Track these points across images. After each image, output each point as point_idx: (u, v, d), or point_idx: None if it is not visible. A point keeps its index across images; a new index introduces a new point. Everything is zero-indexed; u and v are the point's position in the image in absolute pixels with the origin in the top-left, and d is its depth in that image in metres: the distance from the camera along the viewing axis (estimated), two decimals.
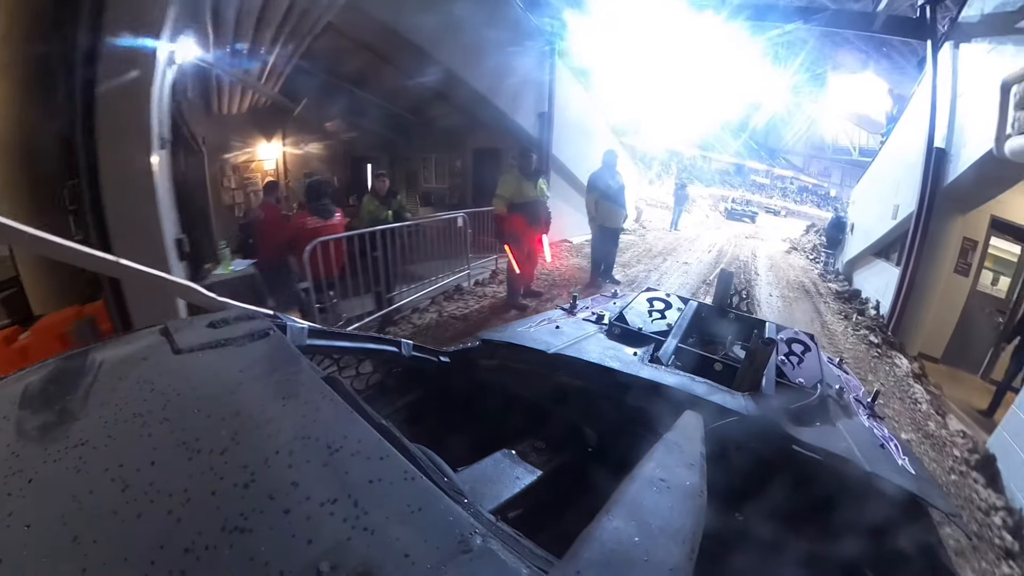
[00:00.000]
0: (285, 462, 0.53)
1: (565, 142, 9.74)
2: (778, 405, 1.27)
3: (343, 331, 1.25)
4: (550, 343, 1.48)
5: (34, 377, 0.71)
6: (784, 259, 12.38)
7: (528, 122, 9.01)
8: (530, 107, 9.13)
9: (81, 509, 0.47)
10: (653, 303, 2.01)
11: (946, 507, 1.07)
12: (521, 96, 8.63)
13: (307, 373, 0.74)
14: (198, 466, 0.52)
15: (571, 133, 10.02)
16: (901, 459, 1.25)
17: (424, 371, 1.41)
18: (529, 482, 1.04)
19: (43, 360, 0.77)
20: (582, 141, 10.31)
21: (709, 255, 11.48)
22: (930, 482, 1.27)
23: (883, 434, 1.39)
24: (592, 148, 9.54)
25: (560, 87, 9.64)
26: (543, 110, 9.41)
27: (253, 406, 0.63)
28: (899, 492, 1.06)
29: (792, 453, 1.11)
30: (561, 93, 9.63)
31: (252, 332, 0.85)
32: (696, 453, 0.76)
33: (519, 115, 8.74)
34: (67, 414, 0.61)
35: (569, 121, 9.96)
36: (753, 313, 2.94)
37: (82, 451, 0.54)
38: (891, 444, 1.32)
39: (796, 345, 1.66)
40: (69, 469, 0.52)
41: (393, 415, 1.30)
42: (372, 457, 0.56)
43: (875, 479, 1.06)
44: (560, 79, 9.60)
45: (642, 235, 13.34)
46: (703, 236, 15.01)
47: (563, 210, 8.90)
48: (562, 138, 9.62)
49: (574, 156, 9.97)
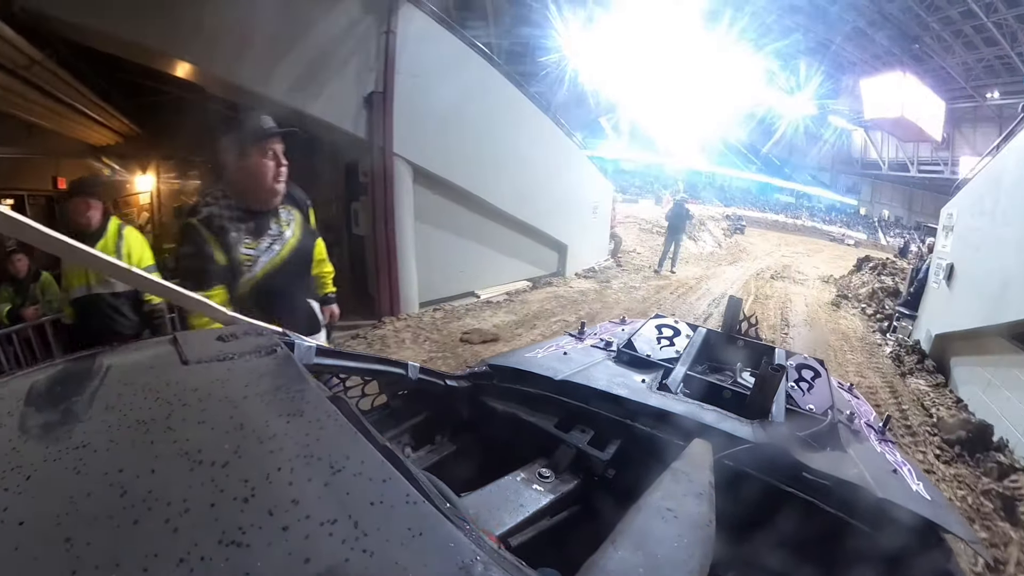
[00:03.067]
0: (286, 479, 0.52)
1: (431, 136, 6.23)
2: (788, 432, 1.26)
3: (350, 352, 1.21)
4: (557, 369, 1.49)
5: (41, 376, 0.71)
6: (831, 320, 8.07)
7: (342, 111, 5.52)
8: (349, 87, 5.48)
9: (77, 511, 0.46)
10: (662, 330, 1.97)
11: (965, 534, 1.06)
12: (327, 69, 5.27)
13: (313, 392, 0.72)
14: (199, 477, 0.51)
15: (449, 121, 6.35)
16: (916, 484, 1.23)
17: (430, 394, 1.39)
18: (534, 509, 1.03)
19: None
20: (475, 131, 6.82)
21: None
22: (947, 508, 1.26)
23: (896, 459, 1.38)
24: (500, 143, 7.06)
25: (421, 48, 5.93)
26: (374, 89, 5.63)
27: (257, 421, 0.62)
28: (914, 519, 1.04)
29: (803, 481, 1.10)
30: (421, 57, 5.95)
31: (260, 348, 0.84)
32: (704, 482, 0.79)
33: (320, 102, 5.26)
34: (71, 415, 0.61)
35: (443, 104, 6.18)
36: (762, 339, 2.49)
37: (83, 453, 0.54)
38: (904, 469, 1.31)
39: (806, 371, 1.67)
40: (68, 470, 0.52)
41: (398, 437, 1.30)
42: (374, 479, 0.56)
43: (888, 506, 1.05)
44: (419, 36, 5.92)
45: (605, 283, 9.10)
46: (706, 281, 10.54)
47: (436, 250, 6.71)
48: (425, 131, 6.13)
49: (456, 156, 6.57)
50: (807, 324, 7.62)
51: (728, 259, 14.19)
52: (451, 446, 1.35)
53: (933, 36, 31.05)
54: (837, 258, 20.14)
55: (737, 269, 12.46)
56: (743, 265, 13.38)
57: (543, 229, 8.29)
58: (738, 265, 13.20)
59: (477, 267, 7.33)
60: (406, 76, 5.77)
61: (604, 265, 10.37)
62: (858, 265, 11.85)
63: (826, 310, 8.73)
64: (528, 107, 7.83)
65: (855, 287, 10.26)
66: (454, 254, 6.96)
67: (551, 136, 8.46)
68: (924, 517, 1.04)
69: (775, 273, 12.18)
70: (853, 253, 23.08)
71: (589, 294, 8.06)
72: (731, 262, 13.69)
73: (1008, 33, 28.11)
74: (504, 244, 7.74)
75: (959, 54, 31.72)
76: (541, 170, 7.98)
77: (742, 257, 15.20)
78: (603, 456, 1.23)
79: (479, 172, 6.83)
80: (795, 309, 8.56)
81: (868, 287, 9.68)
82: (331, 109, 5.34)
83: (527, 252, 8.29)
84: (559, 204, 8.52)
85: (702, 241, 14.84)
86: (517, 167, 7.42)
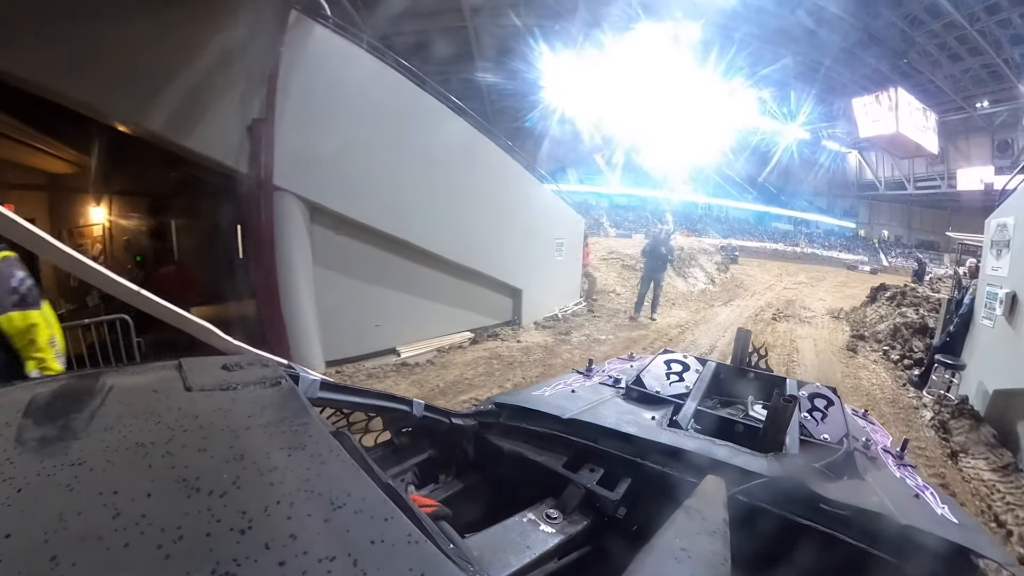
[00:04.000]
0: (285, 513, 0.52)
1: (332, 168, 5.21)
2: (804, 464, 1.24)
3: (355, 387, 1.24)
4: (565, 407, 1.48)
5: (43, 389, 0.72)
6: (849, 371, 6.43)
7: (222, 143, 4.68)
8: (230, 116, 4.62)
9: (66, 528, 0.45)
10: (671, 365, 1.95)
11: (1000, 556, 1.03)
12: (208, 97, 4.52)
13: (316, 426, 0.72)
14: (195, 505, 0.50)
15: (356, 151, 5.31)
16: (940, 507, 1.22)
17: (435, 432, 1.38)
18: (542, 551, 1.01)
19: None
20: (394, 162, 5.73)
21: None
22: (977, 530, 1.24)
23: (917, 483, 1.37)
24: (431, 176, 6.06)
25: (320, 67, 5.05)
26: (256, 116, 4.60)
27: (258, 453, 0.62)
28: (942, 544, 1.01)
29: (821, 512, 1.08)
30: (321, 77, 5.07)
31: (264, 379, 0.84)
32: (719, 519, 0.78)
33: (197, 133, 4.52)
34: (69, 432, 0.62)
35: (348, 131, 5.19)
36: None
37: (78, 471, 0.53)
38: (927, 493, 1.30)
39: (819, 400, 1.63)
40: (61, 486, 0.51)
41: (401, 475, 1.27)
42: (376, 517, 0.55)
43: (913, 532, 1.02)
44: (318, 54, 5.07)
45: (564, 334, 7.53)
46: (693, 329, 8.70)
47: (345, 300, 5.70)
48: (322, 162, 5.11)
49: (368, 191, 5.50)
50: (821, 381, 5.97)
51: (722, 297, 12.58)
52: (456, 485, 1.32)
53: (919, 51, 31.17)
54: (841, 285, 18.66)
55: (732, 310, 10.85)
56: (740, 303, 11.80)
57: (489, 273, 7.07)
58: (734, 304, 11.62)
59: (401, 319, 6.09)
60: (299, 99, 4.79)
61: (573, 310, 8.89)
62: (872, 295, 10.25)
63: (842, 357, 7.10)
64: (471, 135, 6.71)
65: (871, 323, 8.65)
66: (369, 305, 5.81)
67: (502, 168, 7.33)
68: (954, 542, 1.01)
69: (777, 312, 10.55)
70: (858, 279, 21.79)
71: (535, 352, 6.49)
72: (726, 301, 12.04)
73: (992, 41, 28.04)
74: (439, 292, 6.52)
75: (946, 67, 31.88)
76: (487, 206, 6.97)
77: (739, 294, 13.58)
78: (613, 496, 1.19)
79: (400, 209, 5.75)
80: (804, 360, 6.92)
81: (887, 323, 8.07)
82: (210, 141, 4.59)
83: (470, 300, 7.03)
84: (511, 244, 7.41)
85: (692, 278, 13.20)
86: (454, 204, 6.41)
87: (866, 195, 44.28)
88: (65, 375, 0.80)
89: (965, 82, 31.76)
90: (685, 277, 12.97)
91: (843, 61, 32.33)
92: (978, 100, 32.43)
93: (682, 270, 13.03)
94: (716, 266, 15.16)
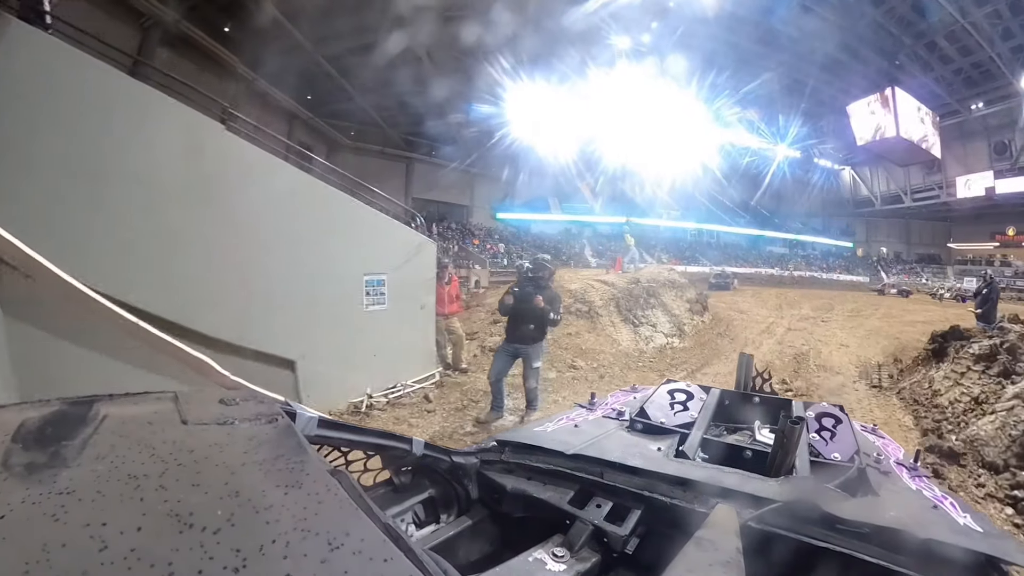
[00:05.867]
0: (281, 552, 0.50)
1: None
2: (815, 485, 1.23)
3: (353, 425, 1.21)
4: (569, 442, 1.46)
5: (33, 413, 0.69)
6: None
7: None
8: None
9: (49, 560, 0.44)
10: (674, 395, 1.93)
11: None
12: None
13: (313, 464, 0.70)
14: (188, 541, 0.49)
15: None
16: (962, 517, 1.19)
17: (436, 471, 1.34)
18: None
19: None
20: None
21: None
22: (1003, 537, 1.21)
23: (935, 494, 1.35)
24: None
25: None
26: None
27: (254, 490, 0.60)
28: (967, 555, 0.97)
29: (838, 533, 1.05)
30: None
31: (261, 415, 0.82)
32: (731, 549, 0.78)
33: None
34: (59, 459, 0.59)
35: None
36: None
37: (66, 500, 0.51)
38: (946, 503, 1.27)
39: (826, 419, 1.63)
40: (47, 515, 0.49)
41: (401, 515, 1.23)
42: (375, 558, 0.53)
43: (935, 545, 0.98)
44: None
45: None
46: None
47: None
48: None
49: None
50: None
51: (694, 359, 8.36)
52: (458, 525, 1.28)
53: (909, 54, 29.64)
54: (855, 315, 14.78)
55: (709, 384, 6.93)
56: (721, 366, 7.77)
57: (228, 339, 4.37)
58: (712, 371, 7.52)
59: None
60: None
61: (409, 391, 5.49)
62: (937, 347, 6.28)
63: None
64: (216, 138, 4.43)
65: (954, 411, 4.77)
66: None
67: (279, 184, 4.84)
68: (979, 551, 0.98)
69: (786, 383, 6.47)
70: (869, 303, 17.90)
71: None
72: (698, 365, 7.84)
73: (985, 37, 26.21)
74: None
75: (937, 69, 30.31)
76: (239, 239, 4.57)
77: (721, 350, 9.14)
78: (622, 531, 1.16)
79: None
80: None
81: (993, 419, 4.21)
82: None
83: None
84: (283, 291, 4.87)
85: (647, 326, 9.25)
86: (154, 231, 4.13)
87: (862, 212, 43.20)
88: (57, 400, 0.64)
89: (957, 85, 30.66)
90: (636, 325, 9.05)
91: (831, 71, 31.20)
92: (972, 102, 31.43)
93: (633, 314, 9.23)
94: (688, 305, 11.18)
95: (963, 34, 26.30)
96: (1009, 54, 26.81)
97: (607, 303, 9.18)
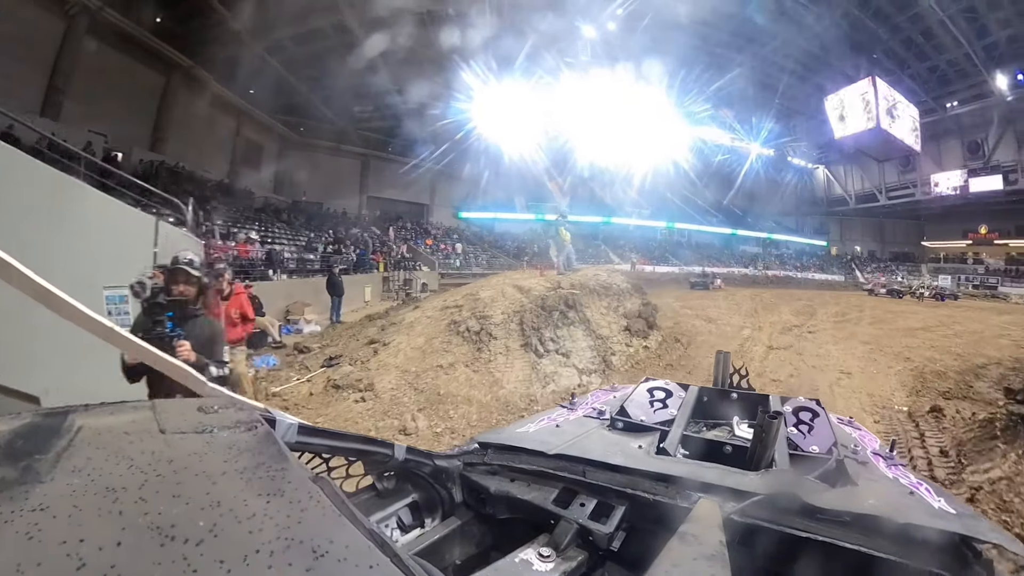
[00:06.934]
0: (265, 562, 0.49)
1: None
2: (796, 477, 1.24)
3: (334, 431, 1.17)
4: (551, 443, 1.44)
5: (3, 427, 0.65)
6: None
7: None
8: None
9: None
10: (653, 392, 1.91)
11: (1001, 539, 1.02)
12: None
13: (295, 471, 0.68)
14: (169, 554, 0.47)
15: None
16: (937, 501, 1.22)
17: (419, 475, 1.31)
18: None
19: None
20: None
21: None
22: (975, 517, 1.23)
23: (910, 481, 1.37)
24: None
25: None
26: None
27: (236, 499, 0.57)
28: (943, 536, 0.99)
29: (819, 522, 1.05)
30: None
31: (240, 423, 0.80)
32: (715, 542, 0.80)
33: None
34: (31, 473, 0.55)
35: None
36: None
37: (39, 517, 0.49)
38: (921, 489, 1.30)
39: (804, 413, 1.65)
40: (20, 534, 0.47)
41: (385, 520, 1.21)
42: (360, 565, 0.52)
43: (913, 529, 1.01)
44: None
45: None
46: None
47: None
48: None
49: None
50: None
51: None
52: (443, 529, 1.27)
53: (885, 51, 29.12)
54: (842, 321, 13.34)
55: None
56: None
57: None
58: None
59: None
60: None
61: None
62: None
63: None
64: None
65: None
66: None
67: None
68: (954, 532, 1.01)
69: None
70: (853, 305, 15.93)
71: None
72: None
73: (961, 32, 25.73)
74: None
75: (913, 66, 30.06)
76: None
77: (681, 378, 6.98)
78: (606, 529, 1.15)
79: None
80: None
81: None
82: None
83: None
84: (16, 313, 3.07)
85: (555, 356, 6.58)
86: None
87: (836, 211, 43.45)
88: (30, 412, 0.61)
89: (933, 83, 30.84)
90: (538, 355, 6.49)
91: (806, 67, 31.00)
92: (947, 100, 31.78)
93: (539, 336, 6.70)
94: (624, 323, 8.06)
95: (940, 29, 26.07)
96: (983, 52, 26.86)
97: (509, 319, 6.86)
